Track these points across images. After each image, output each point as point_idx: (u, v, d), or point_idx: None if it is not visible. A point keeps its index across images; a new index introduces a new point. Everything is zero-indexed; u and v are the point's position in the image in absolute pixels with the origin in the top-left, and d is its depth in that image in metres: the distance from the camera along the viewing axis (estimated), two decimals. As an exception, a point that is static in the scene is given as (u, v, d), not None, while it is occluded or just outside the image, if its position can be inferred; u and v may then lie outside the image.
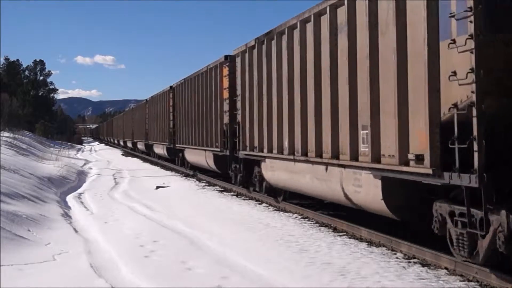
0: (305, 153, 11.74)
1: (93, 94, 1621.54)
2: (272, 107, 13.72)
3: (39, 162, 31.19)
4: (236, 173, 17.82)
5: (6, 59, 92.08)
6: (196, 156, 23.62)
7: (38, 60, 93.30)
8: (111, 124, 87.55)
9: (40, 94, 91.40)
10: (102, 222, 13.54)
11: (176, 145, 28.30)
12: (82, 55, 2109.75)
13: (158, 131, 34.10)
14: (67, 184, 23.58)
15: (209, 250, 9.83)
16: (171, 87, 29.82)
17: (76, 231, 12.60)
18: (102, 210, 15.83)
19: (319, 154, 11.06)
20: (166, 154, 32.19)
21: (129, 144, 53.91)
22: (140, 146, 44.69)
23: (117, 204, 16.95)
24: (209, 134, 20.80)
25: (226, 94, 18.21)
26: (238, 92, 16.59)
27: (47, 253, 9.86)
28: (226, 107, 18.22)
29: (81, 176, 28.44)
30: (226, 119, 18.22)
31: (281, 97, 13.17)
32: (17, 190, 16.14)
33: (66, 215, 15.04)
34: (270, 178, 14.47)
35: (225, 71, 18.29)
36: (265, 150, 14.23)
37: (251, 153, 15.50)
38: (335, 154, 10.34)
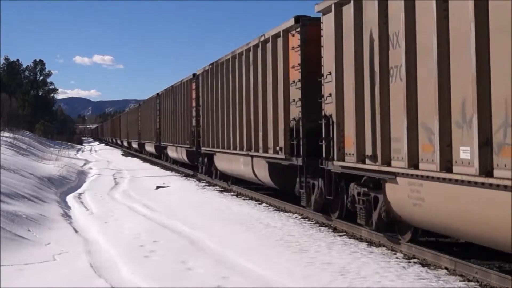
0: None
1: (92, 94, 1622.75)
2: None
3: (39, 162, 31.20)
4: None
5: (6, 59, 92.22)
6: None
7: (38, 60, 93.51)
8: (117, 121, 71.47)
9: (40, 94, 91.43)
10: (102, 222, 13.54)
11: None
12: (80, 55, 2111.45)
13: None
14: (67, 184, 23.58)
15: (209, 250, 9.83)
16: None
17: (76, 231, 12.60)
18: (102, 210, 15.82)
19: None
20: (271, 177, 14.94)
21: (150, 149, 38.60)
22: (176, 153, 28.22)
23: (117, 204, 16.95)
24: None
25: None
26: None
27: (47, 253, 9.86)
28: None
29: (81, 176, 28.44)
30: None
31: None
32: (17, 190, 16.14)
33: (66, 215, 15.04)
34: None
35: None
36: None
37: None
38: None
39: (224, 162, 18.96)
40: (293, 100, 12.84)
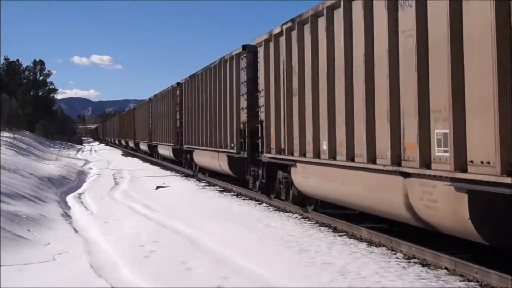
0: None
1: (91, 94, 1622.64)
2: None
3: (39, 162, 31.19)
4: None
5: (6, 59, 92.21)
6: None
7: (37, 60, 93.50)
8: (129, 116, 53.47)
9: (40, 94, 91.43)
10: (102, 222, 13.54)
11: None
12: (78, 55, 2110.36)
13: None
14: (67, 184, 23.58)
15: (209, 250, 9.83)
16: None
17: (76, 231, 12.61)
18: (102, 210, 15.82)
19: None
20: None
21: (203, 159, 22.50)
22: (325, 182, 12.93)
23: (117, 204, 16.95)
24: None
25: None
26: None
27: (47, 253, 9.86)
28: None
29: (81, 176, 28.44)
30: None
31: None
32: (17, 190, 16.14)
33: (66, 215, 15.04)
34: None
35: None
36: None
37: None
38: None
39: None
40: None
